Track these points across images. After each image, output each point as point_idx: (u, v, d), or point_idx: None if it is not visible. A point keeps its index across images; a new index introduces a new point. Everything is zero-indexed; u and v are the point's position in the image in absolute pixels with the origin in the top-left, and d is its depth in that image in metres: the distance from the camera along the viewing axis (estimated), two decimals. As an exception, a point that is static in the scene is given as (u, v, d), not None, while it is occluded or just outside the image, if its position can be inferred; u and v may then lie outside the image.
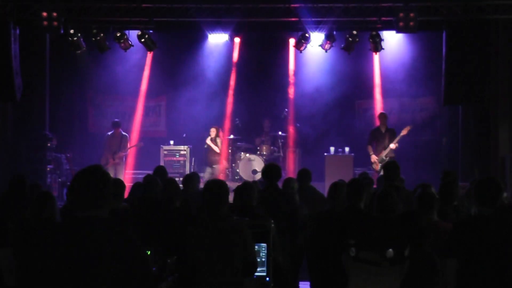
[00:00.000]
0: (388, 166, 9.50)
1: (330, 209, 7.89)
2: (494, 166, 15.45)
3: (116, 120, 17.64)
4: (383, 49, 16.49)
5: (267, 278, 6.71)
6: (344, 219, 6.97)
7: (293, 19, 15.89)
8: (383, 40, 16.29)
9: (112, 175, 15.83)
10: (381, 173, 15.11)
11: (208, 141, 17.66)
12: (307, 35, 16.28)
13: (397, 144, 15.88)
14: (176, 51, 19.24)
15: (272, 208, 8.39)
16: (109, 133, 17.46)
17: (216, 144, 17.57)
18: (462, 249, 5.27)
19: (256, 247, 6.30)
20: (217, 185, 6.18)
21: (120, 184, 8.12)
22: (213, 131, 17.66)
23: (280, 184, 9.59)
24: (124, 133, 17.47)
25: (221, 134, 17.89)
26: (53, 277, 3.75)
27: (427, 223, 5.91)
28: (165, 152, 18.20)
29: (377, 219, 2.80)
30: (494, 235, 5.31)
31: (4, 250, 5.58)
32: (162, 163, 17.32)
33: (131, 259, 3.79)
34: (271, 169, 9.27)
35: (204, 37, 17.93)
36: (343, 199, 7.82)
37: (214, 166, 17.43)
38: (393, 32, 15.90)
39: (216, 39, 17.71)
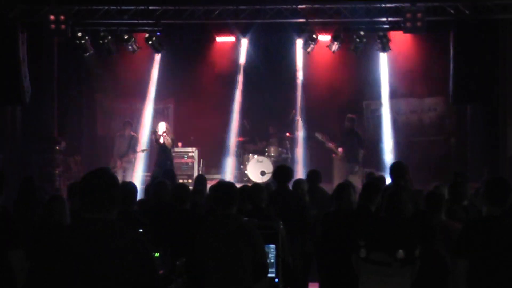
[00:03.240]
0: (394, 166, 9.45)
1: (336, 210, 7.88)
2: (503, 166, 15.41)
3: (127, 120, 17.55)
4: (390, 49, 16.46)
5: (276, 279, 6.70)
6: (353, 220, 6.96)
7: (300, 20, 15.89)
8: (390, 40, 16.26)
9: (120, 177, 15.85)
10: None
11: (163, 137, 16.43)
12: (314, 36, 16.27)
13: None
14: (184, 53, 19.23)
15: (283, 209, 8.40)
16: (118, 133, 17.42)
17: (167, 140, 16.50)
18: (472, 249, 5.25)
19: (265, 248, 6.29)
20: (226, 187, 6.19)
21: (131, 187, 8.13)
22: (162, 125, 16.59)
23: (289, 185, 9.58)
24: (133, 133, 17.43)
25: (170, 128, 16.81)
26: (61, 279, 3.76)
27: (436, 223, 5.90)
28: (174, 154, 18.19)
29: (387, 221, 2.80)
30: (504, 235, 5.29)
31: (16, 251, 5.60)
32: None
33: (138, 262, 3.80)
34: (282, 171, 9.28)
35: (212, 39, 17.94)
36: (348, 199, 7.81)
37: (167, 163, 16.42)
38: (400, 33, 15.89)
39: (224, 41, 17.71)
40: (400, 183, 8.91)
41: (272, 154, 18.07)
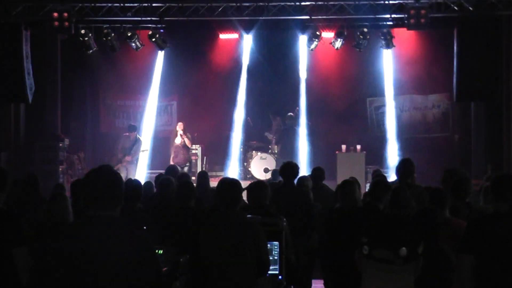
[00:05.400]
0: (402, 163, 9.40)
1: (340, 207, 7.87)
2: (507, 162, 15.39)
3: (133, 124, 17.61)
4: (394, 46, 16.45)
5: (280, 277, 6.70)
6: (357, 217, 6.95)
7: (304, 17, 15.88)
8: (394, 37, 16.25)
9: (124, 175, 15.87)
10: None
11: (180, 137, 17.00)
12: (318, 33, 16.26)
13: None
14: (187, 50, 19.25)
15: (289, 206, 8.38)
16: (125, 134, 17.47)
17: (188, 139, 17.08)
18: (479, 245, 5.23)
19: (269, 245, 6.29)
20: (230, 184, 6.18)
21: (136, 184, 8.14)
22: (180, 125, 17.08)
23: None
24: (139, 136, 17.47)
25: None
26: (65, 276, 3.76)
27: (440, 220, 5.89)
28: (178, 151, 18.21)
29: (390, 217, 2.79)
30: (511, 231, 5.27)
31: (19, 249, 5.60)
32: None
33: (141, 259, 3.80)
34: (289, 167, 9.24)
35: (215, 36, 17.94)
36: (353, 196, 7.79)
37: (187, 164, 16.98)
38: (404, 29, 15.87)
39: (227, 38, 17.72)
40: (407, 181, 8.88)
41: (276, 151, 18.08)
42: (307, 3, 15.44)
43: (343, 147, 17.71)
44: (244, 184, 7.01)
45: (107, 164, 4.20)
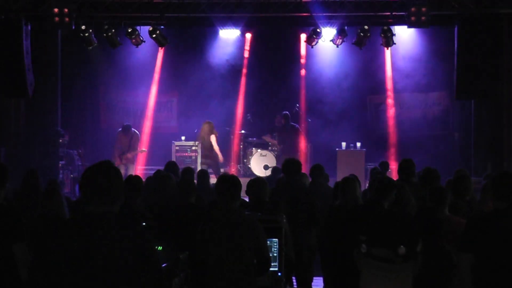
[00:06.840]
0: (405, 163, 9.40)
1: (341, 204, 7.86)
2: (507, 161, 15.38)
3: (126, 124, 17.56)
4: (395, 44, 16.44)
5: (279, 273, 6.70)
6: (358, 215, 6.94)
7: (304, 14, 15.88)
8: (394, 35, 16.23)
9: (123, 172, 15.86)
10: None
11: (214, 136, 17.27)
12: (318, 30, 16.25)
13: None
14: (188, 46, 19.24)
15: (292, 203, 8.38)
16: (120, 129, 17.45)
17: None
18: (478, 243, 5.24)
19: (268, 242, 6.29)
20: (229, 179, 6.18)
21: (136, 180, 8.13)
22: (212, 124, 17.34)
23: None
24: (134, 130, 17.44)
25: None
26: (64, 272, 3.75)
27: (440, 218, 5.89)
28: (177, 147, 18.18)
29: (389, 216, 2.79)
30: (510, 229, 5.28)
31: (20, 245, 5.60)
32: (173, 159, 17.33)
33: (140, 255, 3.80)
34: (292, 164, 9.23)
35: (216, 33, 17.92)
36: (354, 194, 7.79)
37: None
38: (405, 27, 15.86)
39: (228, 35, 17.71)
40: (409, 179, 8.87)
41: (276, 148, 18.07)
42: (308, 0, 15.43)
43: (343, 144, 17.71)
44: (244, 181, 7.00)
45: (107, 160, 4.18)
